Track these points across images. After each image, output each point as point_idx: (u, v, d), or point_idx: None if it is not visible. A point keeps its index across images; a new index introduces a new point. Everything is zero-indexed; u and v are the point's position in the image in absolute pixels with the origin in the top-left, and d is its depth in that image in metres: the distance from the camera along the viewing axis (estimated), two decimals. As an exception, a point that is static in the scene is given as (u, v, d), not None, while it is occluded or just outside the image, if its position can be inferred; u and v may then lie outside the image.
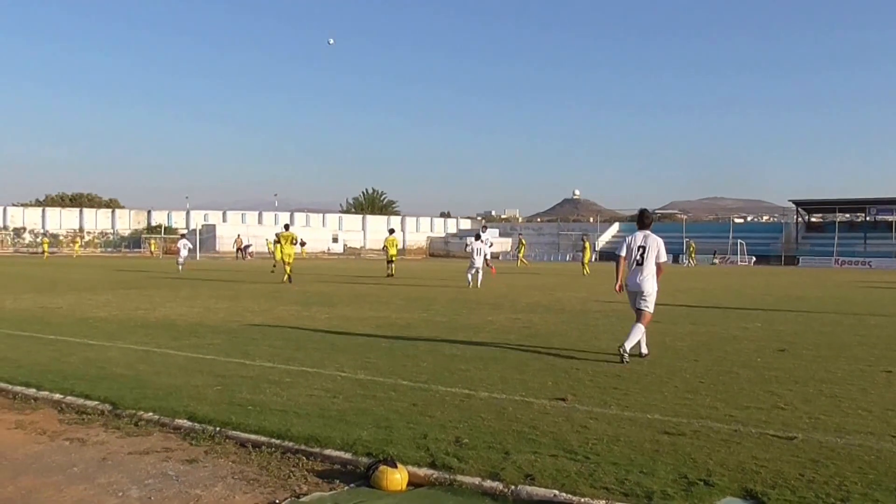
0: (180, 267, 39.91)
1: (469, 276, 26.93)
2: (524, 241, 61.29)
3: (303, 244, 48.65)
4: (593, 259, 42.02)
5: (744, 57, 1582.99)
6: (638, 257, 10.65)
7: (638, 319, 10.54)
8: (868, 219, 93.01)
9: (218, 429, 6.30)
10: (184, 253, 41.40)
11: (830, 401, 7.61)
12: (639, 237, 10.74)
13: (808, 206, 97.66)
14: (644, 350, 10.50)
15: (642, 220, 10.97)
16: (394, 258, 35.31)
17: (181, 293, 22.54)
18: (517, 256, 49.26)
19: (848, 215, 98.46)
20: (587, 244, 45.62)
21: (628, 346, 10.13)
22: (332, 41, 26.35)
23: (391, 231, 37.72)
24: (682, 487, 4.91)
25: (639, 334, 10.36)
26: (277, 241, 30.87)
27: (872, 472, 5.20)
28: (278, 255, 30.05)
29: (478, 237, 27.72)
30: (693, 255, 70.62)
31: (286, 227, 31.44)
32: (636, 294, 10.68)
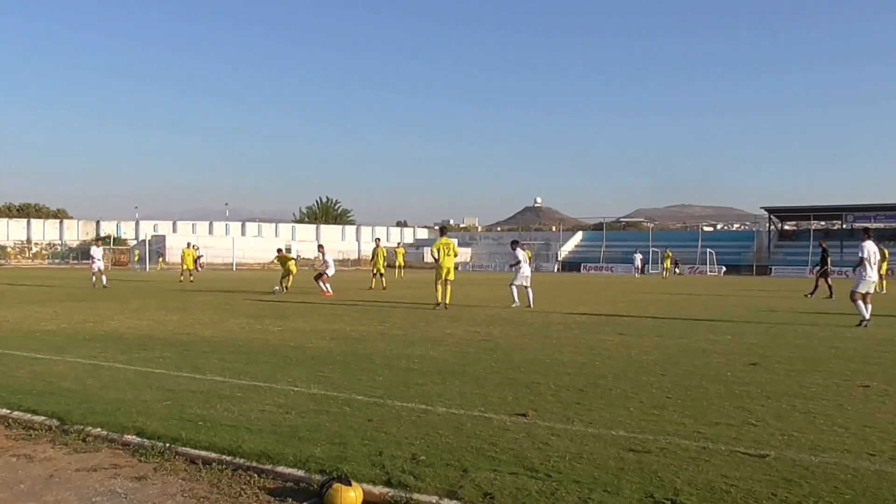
0: (103, 280, 34.49)
1: (514, 291, 24.09)
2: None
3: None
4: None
5: (713, 59, 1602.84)
6: (874, 261, 18.13)
7: (866, 300, 17.93)
8: (844, 226, 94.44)
9: (167, 445, 6.33)
10: (98, 264, 35.55)
11: (804, 417, 7.70)
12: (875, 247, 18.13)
13: (780, 213, 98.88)
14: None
15: (870, 232, 18.62)
16: (383, 270, 35.64)
17: (130, 305, 22.66)
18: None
19: (823, 223, 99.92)
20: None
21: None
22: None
23: (377, 241, 38.11)
24: (648, 507, 4.96)
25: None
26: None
27: (849, 492, 5.26)
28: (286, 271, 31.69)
29: (514, 244, 25.52)
30: (669, 265, 68.81)
31: (288, 249, 34.27)
32: (872, 282, 18.12)
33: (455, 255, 23.43)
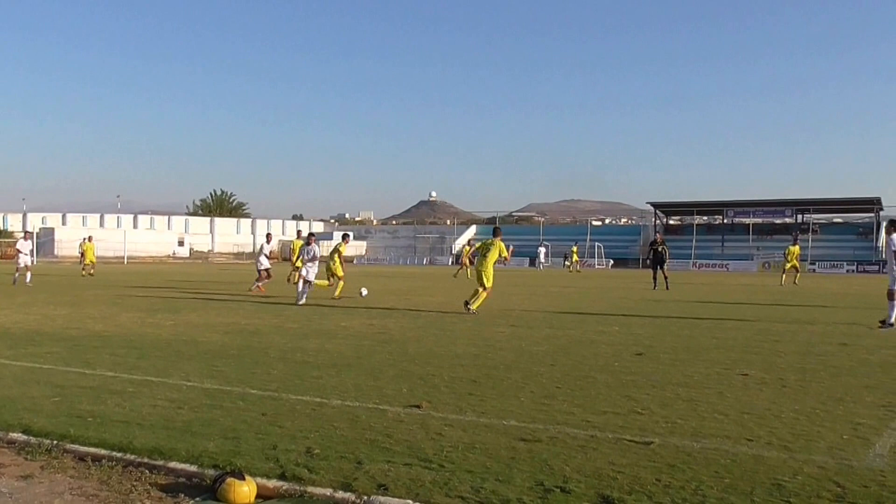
0: (26, 277, 30.25)
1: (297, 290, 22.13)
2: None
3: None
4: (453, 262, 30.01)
5: (600, 56, 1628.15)
6: None
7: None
8: (725, 221, 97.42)
9: (55, 442, 6.16)
10: (25, 258, 30.96)
11: (687, 405, 7.91)
12: None
13: (666, 208, 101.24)
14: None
15: None
16: (299, 264, 32.32)
17: (17, 299, 22.03)
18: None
19: (706, 218, 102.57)
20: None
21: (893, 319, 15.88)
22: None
23: (299, 233, 35.48)
24: (538, 495, 5.02)
25: None
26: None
27: (728, 476, 5.41)
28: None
29: (311, 236, 23.78)
30: (576, 259, 67.54)
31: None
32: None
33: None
